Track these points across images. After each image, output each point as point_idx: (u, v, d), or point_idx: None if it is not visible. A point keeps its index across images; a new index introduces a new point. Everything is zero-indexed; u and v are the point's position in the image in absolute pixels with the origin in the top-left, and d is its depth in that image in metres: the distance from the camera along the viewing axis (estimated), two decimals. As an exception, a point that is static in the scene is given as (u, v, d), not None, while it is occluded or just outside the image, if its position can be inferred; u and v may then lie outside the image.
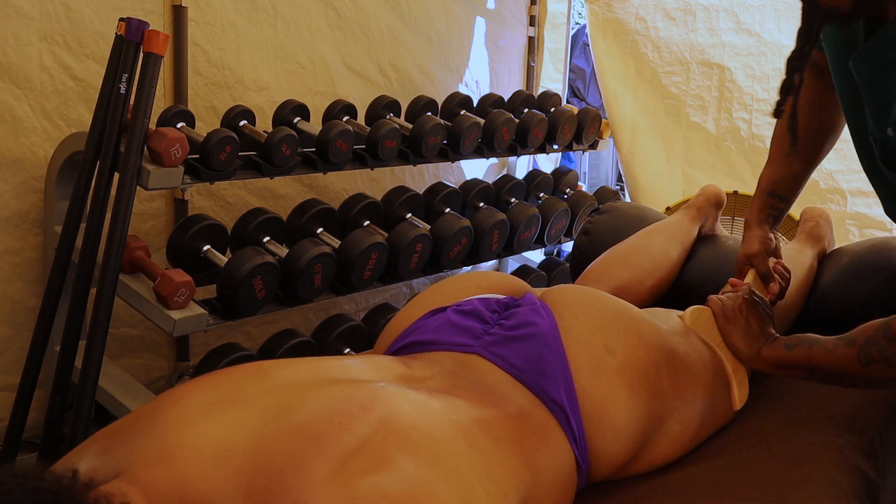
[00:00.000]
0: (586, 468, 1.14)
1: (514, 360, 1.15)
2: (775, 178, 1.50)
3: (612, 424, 1.14)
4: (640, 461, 1.22)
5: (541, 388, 1.13)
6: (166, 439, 0.83)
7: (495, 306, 1.26)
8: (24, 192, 1.92)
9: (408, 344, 1.23)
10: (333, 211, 2.13)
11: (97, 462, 0.83)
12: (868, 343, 1.13)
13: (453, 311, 1.24)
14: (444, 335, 1.20)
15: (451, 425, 0.94)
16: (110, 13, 1.97)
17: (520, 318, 1.21)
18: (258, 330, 2.38)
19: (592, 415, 1.13)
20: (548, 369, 1.14)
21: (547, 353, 1.16)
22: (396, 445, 0.85)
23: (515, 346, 1.17)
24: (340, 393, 0.91)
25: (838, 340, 1.18)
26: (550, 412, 1.11)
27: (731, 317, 1.38)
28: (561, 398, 1.12)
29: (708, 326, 1.40)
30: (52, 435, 1.73)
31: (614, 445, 1.15)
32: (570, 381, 1.14)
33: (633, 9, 3.13)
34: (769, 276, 1.48)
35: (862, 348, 1.13)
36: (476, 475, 0.89)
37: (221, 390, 0.91)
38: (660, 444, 1.23)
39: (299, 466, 0.80)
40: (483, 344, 1.18)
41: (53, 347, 1.82)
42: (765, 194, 1.51)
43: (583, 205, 2.72)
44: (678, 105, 3.09)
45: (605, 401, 1.14)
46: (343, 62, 2.56)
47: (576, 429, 1.12)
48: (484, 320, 1.22)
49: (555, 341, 1.17)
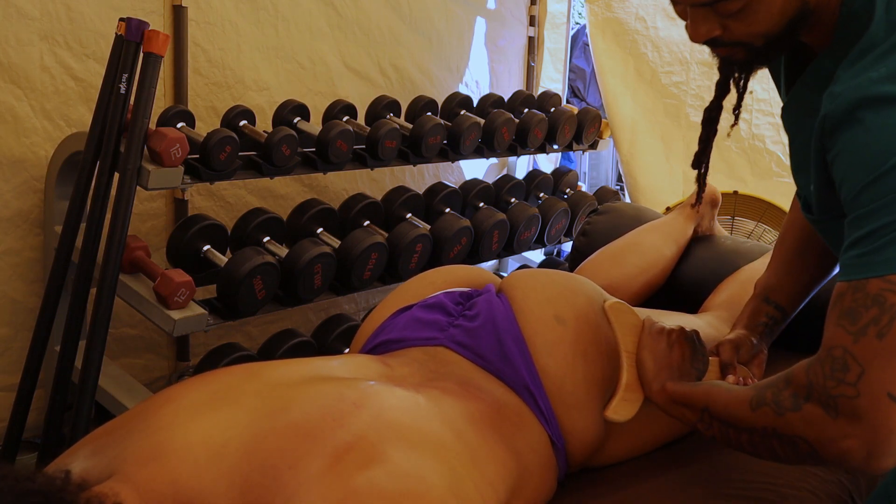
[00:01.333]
0: (562, 446, 1.15)
1: (478, 349, 1.17)
2: (769, 284, 1.32)
3: (574, 397, 1.15)
4: (619, 437, 1.23)
5: (505, 373, 1.15)
6: (159, 438, 0.84)
7: (459, 298, 1.28)
8: (24, 192, 1.92)
9: (379, 343, 1.24)
10: (333, 211, 2.13)
11: (90, 463, 0.84)
12: (767, 385, 0.97)
13: (419, 307, 1.26)
14: (410, 332, 1.22)
15: (438, 419, 0.96)
16: (111, 13, 1.97)
17: (478, 307, 1.23)
18: (258, 330, 2.38)
19: (555, 391, 1.15)
20: (509, 353, 1.16)
21: (506, 338, 1.17)
22: (389, 440, 0.86)
23: (478, 335, 1.18)
24: (332, 391, 0.92)
25: (749, 389, 1.01)
26: (519, 396, 1.13)
27: (656, 336, 1.21)
28: (525, 380, 1.14)
29: (628, 330, 1.24)
30: (52, 435, 1.73)
31: (582, 420, 1.16)
32: (531, 362, 1.15)
33: (632, 9, 3.13)
34: (728, 368, 1.26)
35: (758, 389, 0.97)
36: (465, 467, 0.91)
37: (213, 390, 0.92)
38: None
39: (294, 462, 0.81)
40: (448, 336, 1.19)
41: (53, 347, 1.82)
42: (758, 299, 1.32)
43: (583, 205, 2.72)
44: (678, 105, 3.09)
45: (565, 375, 1.15)
46: (343, 62, 2.56)
47: (544, 408, 1.13)
48: (448, 313, 1.24)
49: (511, 324, 1.19)
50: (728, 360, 1.26)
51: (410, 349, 1.19)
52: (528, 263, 2.84)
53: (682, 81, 3.08)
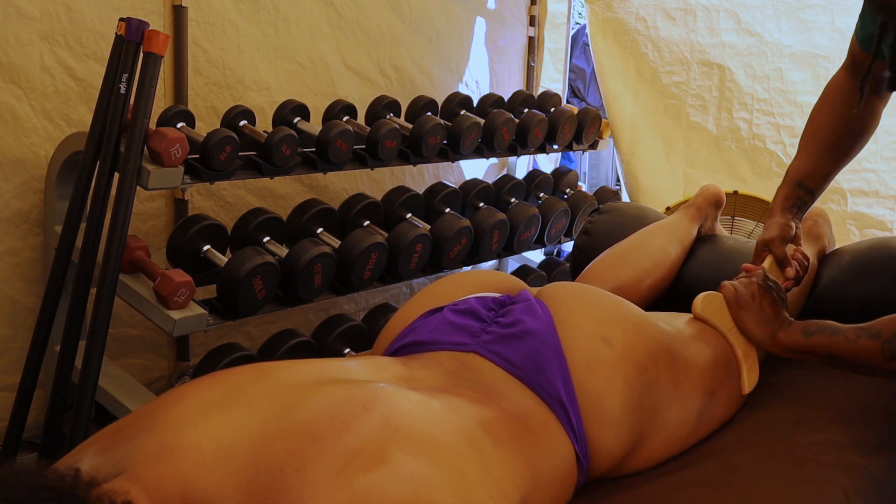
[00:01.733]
0: (587, 463, 1.14)
1: (512, 358, 1.15)
2: (805, 170, 1.50)
3: (608, 417, 1.14)
4: (638, 455, 1.22)
5: (538, 384, 1.13)
6: (168, 438, 0.84)
7: (492, 304, 1.26)
8: (25, 192, 1.92)
9: (406, 344, 1.23)
10: (333, 211, 2.13)
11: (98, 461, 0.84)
12: (894, 337, 1.14)
13: (450, 310, 1.24)
14: (441, 335, 1.20)
15: (452, 424, 0.94)
16: (111, 13, 1.97)
17: (515, 315, 1.22)
18: (258, 330, 2.38)
19: (590, 408, 1.14)
20: (545, 365, 1.14)
21: (544, 349, 1.16)
22: (398, 444, 0.85)
23: (512, 343, 1.17)
24: (342, 393, 0.91)
25: (860, 331, 1.19)
26: (549, 408, 1.12)
27: (744, 302, 1.39)
28: (559, 393, 1.13)
29: (719, 312, 1.41)
30: (52, 435, 1.73)
31: (611, 437, 1.15)
32: (568, 376, 1.14)
33: (633, 9, 3.13)
34: (786, 262, 1.48)
35: (887, 342, 1.15)
36: (477, 474, 0.90)
37: (223, 390, 0.91)
38: (657, 438, 1.23)
39: (301, 465, 0.80)
40: (480, 342, 1.18)
41: (53, 347, 1.82)
42: (792, 183, 1.51)
43: (583, 205, 2.72)
44: (678, 105, 3.09)
45: (602, 394, 1.14)
46: (343, 62, 2.56)
47: (575, 423, 1.12)
48: (481, 319, 1.22)
49: (551, 337, 1.17)
50: (782, 254, 1.48)
51: (438, 353, 1.18)
52: (529, 263, 2.84)
53: (683, 81, 3.07)
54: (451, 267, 2.22)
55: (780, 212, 1.51)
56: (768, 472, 1.21)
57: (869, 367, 1.20)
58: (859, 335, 1.19)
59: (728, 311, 1.41)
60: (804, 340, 1.29)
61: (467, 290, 1.31)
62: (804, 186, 1.50)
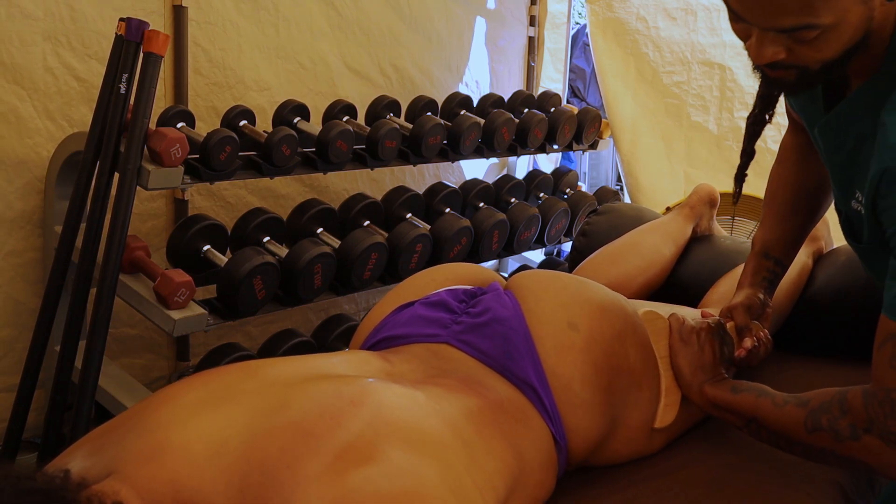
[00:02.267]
0: (565, 445, 1.15)
1: (483, 347, 1.17)
2: (769, 239, 1.40)
3: (581, 400, 1.15)
4: (617, 436, 1.23)
5: (510, 371, 1.15)
6: (157, 437, 0.84)
7: (462, 296, 1.27)
8: (28, 193, 1.92)
9: (380, 340, 1.25)
10: (333, 211, 2.13)
11: (89, 462, 0.84)
12: (821, 409, 1.04)
13: (421, 304, 1.26)
14: (413, 328, 1.22)
15: (437, 416, 0.95)
16: (112, 13, 1.97)
17: (485, 304, 1.23)
18: (258, 330, 2.38)
19: (562, 391, 1.15)
20: (514, 352, 1.16)
21: (512, 336, 1.17)
22: (387, 438, 0.86)
23: (482, 332, 1.18)
24: (330, 389, 0.92)
25: (789, 398, 1.10)
26: (523, 393, 1.13)
27: (686, 338, 1.29)
28: (530, 378, 1.14)
29: (658, 335, 1.31)
30: (52, 435, 1.73)
31: (586, 419, 1.16)
32: (538, 361, 1.15)
33: (633, 8, 3.13)
34: (745, 332, 1.34)
35: (812, 412, 1.05)
36: (463, 464, 0.91)
37: (211, 389, 0.92)
38: (633, 418, 1.24)
39: (292, 461, 0.81)
40: (451, 333, 1.19)
41: (53, 347, 1.82)
42: (759, 256, 1.40)
43: (583, 205, 2.72)
44: (679, 105, 3.09)
45: (572, 377, 1.15)
46: (344, 62, 2.56)
47: (549, 406, 1.13)
48: (451, 310, 1.24)
49: (519, 323, 1.19)
50: (743, 322, 1.34)
51: (413, 346, 1.19)
52: (529, 263, 2.84)
53: (684, 81, 3.07)
54: (451, 267, 2.22)
55: (749, 286, 1.39)
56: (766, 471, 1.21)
57: (787, 439, 1.09)
58: (787, 402, 1.10)
59: (667, 339, 1.31)
60: (730, 397, 1.19)
61: (439, 284, 1.32)
62: (772, 257, 1.40)
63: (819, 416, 1.04)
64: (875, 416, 0.97)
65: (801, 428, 1.06)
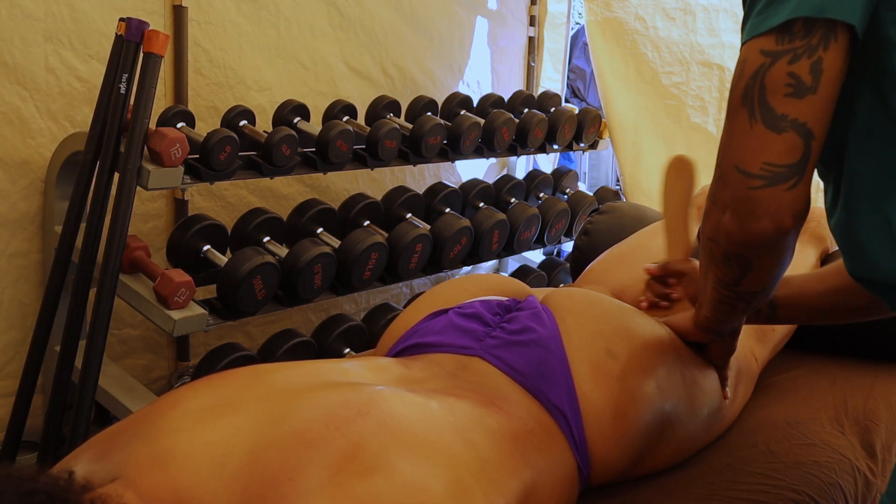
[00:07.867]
0: (587, 473, 1.13)
1: (516, 364, 1.14)
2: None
3: (612, 431, 1.13)
4: (642, 465, 1.21)
5: (542, 392, 1.12)
6: (162, 445, 0.83)
7: (497, 308, 1.25)
8: (31, 193, 1.92)
9: (410, 346, 1.23)
10: (333, 211, 2.13)
11: (93, 466, 0.84)
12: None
13: (455, 313, 1.24)
14: (446, 337, 1.20)
15: (449, 427, 0.94)
16: (113, 14, 1.97)
17: (522, 322, 1.21)
18: (258, 330, 2.38)
19: (593, 420, 1.12)
20: (549, 373, 1.13)
21: (548, 358, 1.15)
22: (393, 449, 0.84)
23: (517, 350, 1.16)
24: (337, 397, 0.91)
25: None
26: (551, 416, 1.11)
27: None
28: (562, 403, 1.11)
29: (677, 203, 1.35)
30: (52, 435, 1.73)
31: (615, 452, 1.14)
32: (572, 386, 1.13)
33: (632, 9, 3.13)
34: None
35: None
36: (473, 477, 0.89)
37: (218, 395, 0.91)
38: (662, 450, 1.22)
39: (295, 473, 0.80)
40: (485, 347, 1.17)
41: (53, 348, 1.82)
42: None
43: (583, 205, 2.72)
44: (679, 106, 3.09)
45: (606, 406, 1.13)
46: (345, 62, 2.56)
47: (576, 434, 1.11)
48: (486, 323, 1.22)
49: (556, 346, 1.16)
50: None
51: (440, 355, 1.17)
52: (528, 264, 2.84)
53: (683, 82, 3.07)
54: (450, 267, 2.22)
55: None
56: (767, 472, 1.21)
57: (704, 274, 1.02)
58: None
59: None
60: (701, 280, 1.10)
61: (472, 294, 1.30)
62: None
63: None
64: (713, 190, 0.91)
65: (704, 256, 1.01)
